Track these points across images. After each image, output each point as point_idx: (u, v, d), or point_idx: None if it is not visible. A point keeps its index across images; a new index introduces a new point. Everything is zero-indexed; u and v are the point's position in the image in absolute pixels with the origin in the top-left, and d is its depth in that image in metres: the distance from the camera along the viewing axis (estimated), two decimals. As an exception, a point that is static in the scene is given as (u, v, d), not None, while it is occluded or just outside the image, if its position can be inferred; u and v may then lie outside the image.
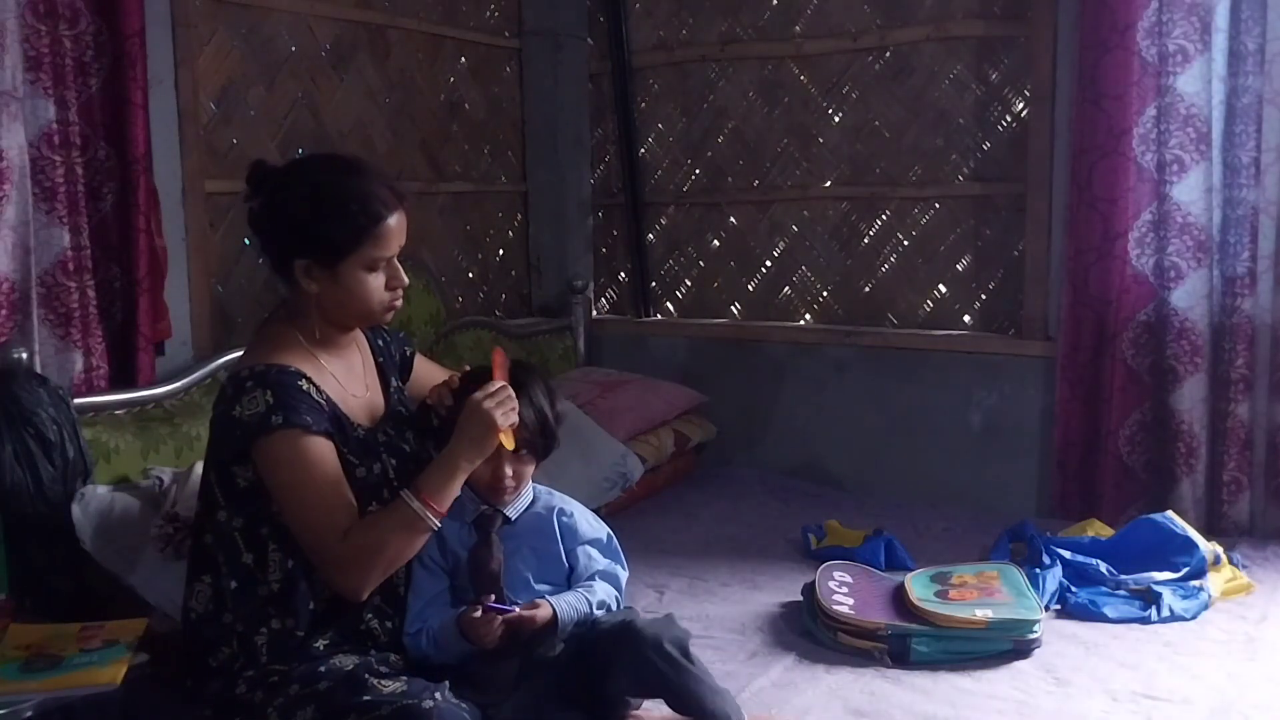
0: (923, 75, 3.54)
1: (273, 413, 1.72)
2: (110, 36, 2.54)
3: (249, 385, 1.75)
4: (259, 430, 1.72)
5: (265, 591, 1.78)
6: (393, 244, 1.84)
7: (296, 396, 1.75)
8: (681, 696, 1.76)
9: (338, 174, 1.85)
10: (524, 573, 1.90)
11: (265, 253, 1.89)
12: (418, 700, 1.60)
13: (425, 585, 1.90)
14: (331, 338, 1.88)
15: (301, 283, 1.81)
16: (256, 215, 1.86)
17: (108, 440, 2.48)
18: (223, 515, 1.79)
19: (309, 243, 1.80)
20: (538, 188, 4.07)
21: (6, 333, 2.37)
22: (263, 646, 1.77)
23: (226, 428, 1.76)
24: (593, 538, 1.99)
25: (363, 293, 1.83)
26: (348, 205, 1.79)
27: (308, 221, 1.79)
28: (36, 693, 1.75)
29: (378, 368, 2.02)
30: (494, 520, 1.92)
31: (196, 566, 1.85)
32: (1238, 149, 2.95)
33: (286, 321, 1.88)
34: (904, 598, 2.36)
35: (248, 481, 1.77)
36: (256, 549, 1.79)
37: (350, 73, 3.35)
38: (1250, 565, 2.71)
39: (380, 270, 1.84)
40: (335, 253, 1.80)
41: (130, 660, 1.84)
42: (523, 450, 1.89)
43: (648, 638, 1.76)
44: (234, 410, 1.74)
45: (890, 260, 3.68)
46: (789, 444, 3.75)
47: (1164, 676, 2.14)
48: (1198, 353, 3.00)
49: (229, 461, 1.78)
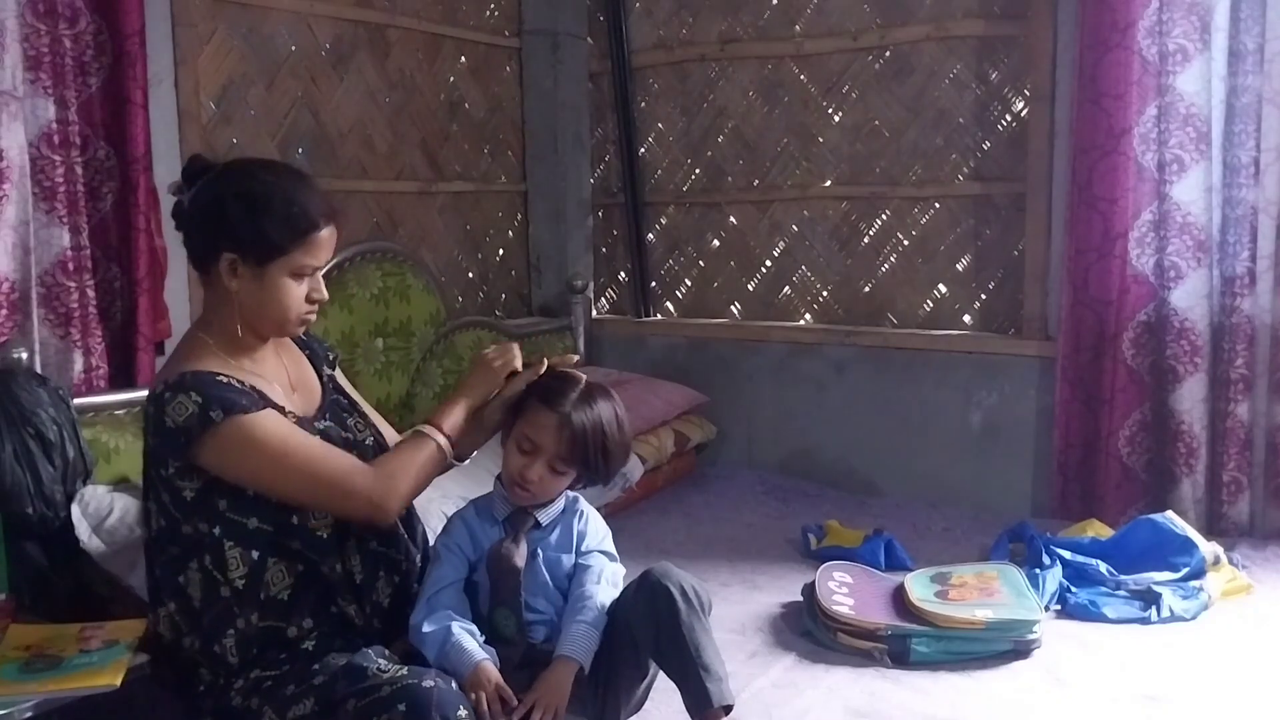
0: (923, 75, 3.54)
1: (208, 409, 1.69)
2: (110, 36, 2.53)
3: (168, 396, 1.72)
4: (200, 429, 1.69)
5: (227, 591, 1.76)
6: (322, 255, 1.83)
7: (221, 388, 1.73)
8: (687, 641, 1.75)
9: (280, 176, 1.84)
10: (544, 578, 1.90)
11: (188, 246, 1.85)
12: (418, 681, 1.60)
13: (442, 571, 1.89)
14: (245, 342, 1.85)
15: (224, 277, 1.78)
16: (188, 206, 1.82)
17: (108, 440, 2.48)
18: (187, 529, 1.77)
19: (241, 238, 1.77)
20: (538, 187, 4.07)
21: (6, 333, 2.37)
22: (231, 648, 1.76)
23: (165, 439, 1.72)
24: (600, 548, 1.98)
25: (283, 298, 1.80)
26: (289, 207, 1.78)
27: (245, 216, 1.76)
28: (36, 693, 1.74)
29: (308, 359, 2.01)
30: (525, 521, 1.91)
31: (155, 593, 1.84)
32: (1237, 148, 2.95)
33: (201, 330, 1.85)
34: (904, 598, 2.36)
35: (194, 491, 1.75)
36: (213, 550, 1.76)
37: (350, 72, 3.35)
38: (1250, 565, 2.71)
39: (304, 280, 1.82)
40: (267, 252, 1.77)
41: (130, 661, 1.83)
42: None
43: (669, 573, 1.80)
44: (164, 422, 1.71)
45: (890, 260, 3.68)
46: (789, 444, 3.75)
47: (1164, 677, 2.14)
48: (1197, 353, 3.00)
49: (172, 478, 1.75)
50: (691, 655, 1.75)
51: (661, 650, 1.80)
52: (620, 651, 1.83)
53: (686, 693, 1.78)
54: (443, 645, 1.78)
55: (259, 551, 1.77)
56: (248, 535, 1.77)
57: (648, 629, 1.79)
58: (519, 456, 1.87)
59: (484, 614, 1.88)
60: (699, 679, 1.75)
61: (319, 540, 1.80)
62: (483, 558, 1.89)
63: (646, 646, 1.81)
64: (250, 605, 1.77)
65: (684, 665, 1.76)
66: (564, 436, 1.84)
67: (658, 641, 1.79)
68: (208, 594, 1.77)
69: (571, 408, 1.84)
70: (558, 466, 1.86)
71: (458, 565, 1.89)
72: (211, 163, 1.85)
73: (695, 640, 1.76)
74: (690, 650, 1.76)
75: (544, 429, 1.84)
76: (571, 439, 1.84)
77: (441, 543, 1.91)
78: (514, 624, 1.87)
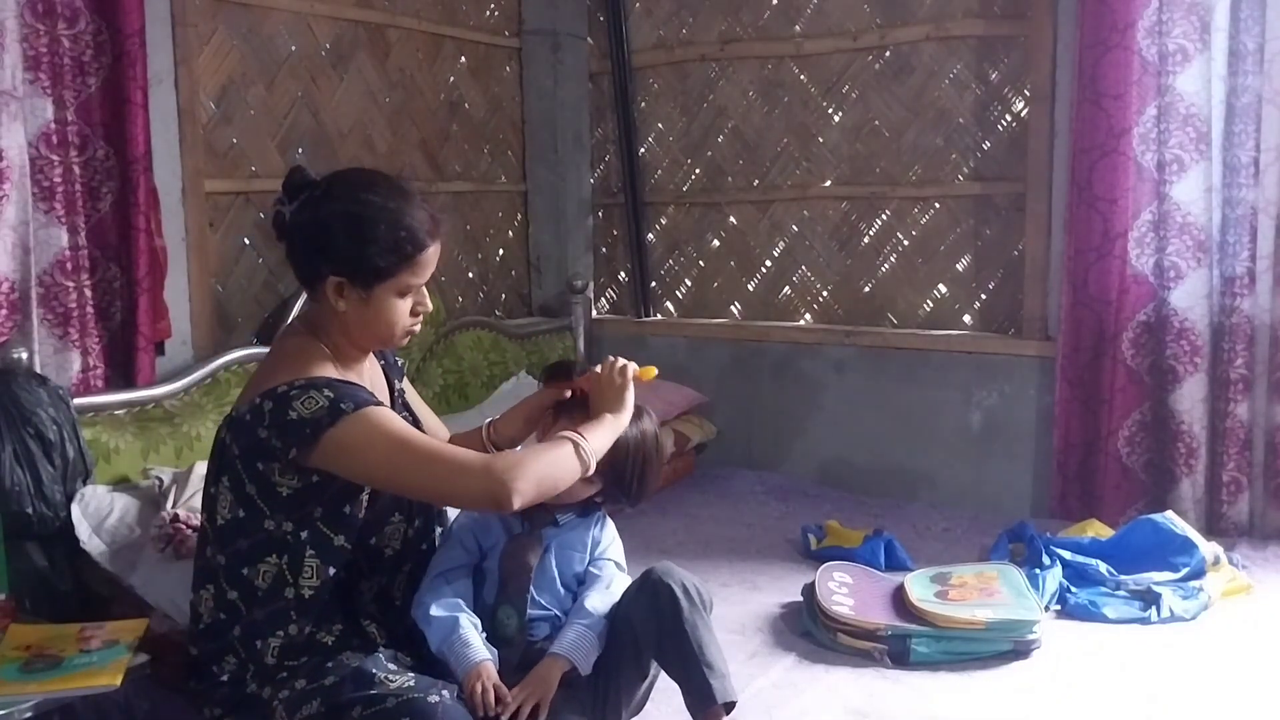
0: (923, 75, 3.54)
1: (340, 401, 1.68)
2: (110, 36, 2.53)
3: (295, 393, 1.70)
4: (330, 420, 1.67)
5: (292, 594, 1.75)
6: (428, 271, 1.82)
7: (350, 387, 1.74)
8: (690, 639, 1.75)
9: (385, 196, 1.79)
10: (553, 573, 1.91)
11: (293, 262, 1.84)
12: (424, 695, 1.60)
13: (453, 553, 1.89)
14: (349, 352, 1.86)
15: (330, 298, 1.78)
16: (291, 224, 1.80)
17: (108, 440, 2.48)
18: (270, 524, 1.75)
19: (347, 262, 1.76)
20: (538, 187, 4.08)
21: (6, 333, 2.37)
22: (276, 649, 1.75)
23: (286, 431, 1.68)
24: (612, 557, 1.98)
25: (390, 317, 1.80)
26: (395, 231, 1.76)
27: (351, 241, 1.75)
28: (36, 693, 1.75)
29: (382, 371, 2.02)
30: (544, 518, 1.92)
31: (211, 575, 1.81)
32: (1237, 148, 2.95)
33: (310, 336, 1.84)
34: (904, 598, 2.36)
35: (291, 490, 1.73)
36: (293, 552, 1.75)
37: (350, 72, 3.35)
38: (1250, 565, 2.71)
39: (410, 296, 1.82)
40: (374, 276, 1.77)
41: (130, 660, 1.84)
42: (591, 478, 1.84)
43: (671, 572, 1.80)
44: (289, 415, 1.68)
45: (890, 260, 3.68)
46: (789, 444, 3.75)
47: (1164, 677, 2.14)
48: (1197, 353, 3.00)
49: (270, 473, 1.73)
50: (694, 653, 1.76)
51: (664, 649, 1.80)
52: (621, 652, 1.83)
53: (689, 691, 1.79)
54: (448, 636, 1.79)
55: (335, 569, 1.77)
56: (331, 550, 1.76)
57: (650, 628, 1.80)
58: None
59: (488, 605, 1.89)
60: (702, 676, 1.76)
61: (381, 556, 1.84)
62: (495, 545, 1.91)
63: (648, 645, 1.81)
64: (307, 615, 1.76)
65: (687, 663, 1.77)
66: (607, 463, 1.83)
67: (660, 640, 1.79)
68: (272, 591, 1.76)
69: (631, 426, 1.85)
70: (591, 474, 1.82)
71: (470, 549, 1.91)
72: (312, 177, 1.82)
73: (698, 638, 1.77)
74: (693, 648, 1.76)
75: None
76: (614, 452, 1.83)
77: (458, 524, 1.93)
78: (516, 622, 1.87)
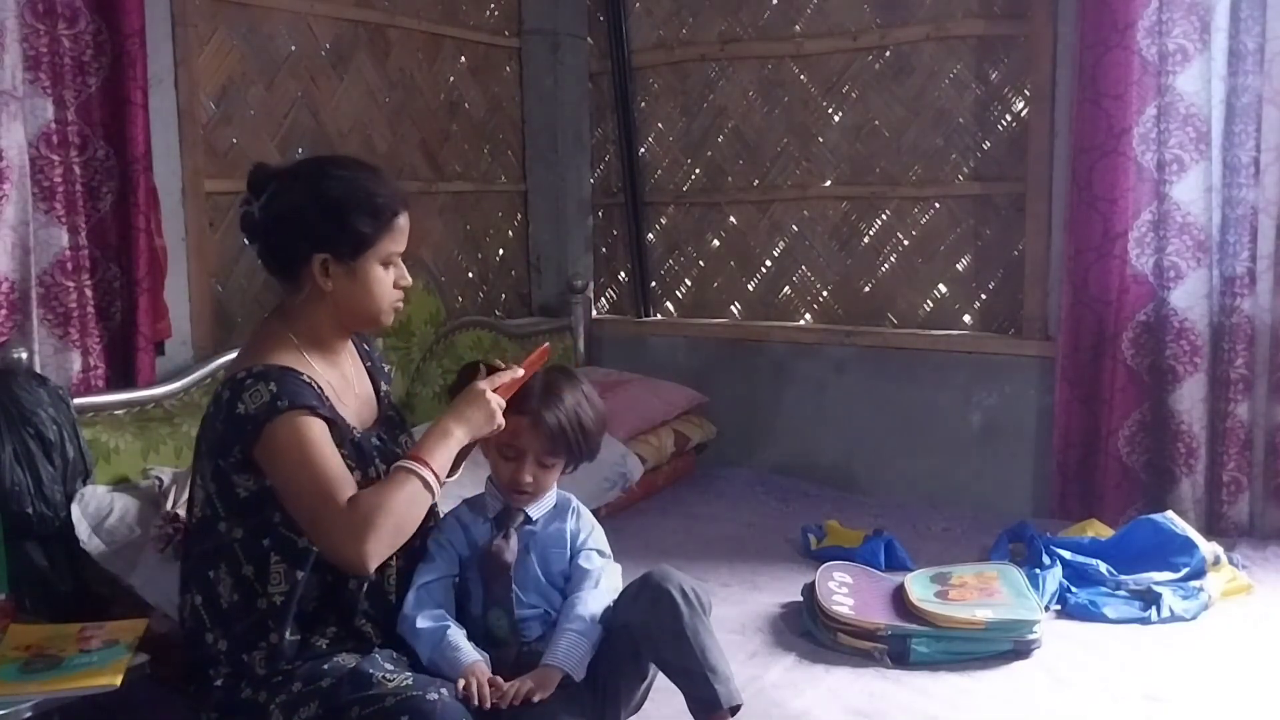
0: (923, 75, 3.54)
1: (277, 399, 1.69)
2: (110, 36, 2.53)
3: (249, 382, 1.71)
4: (266, 417, 1.68)
5: (265, 604, 1.75)
6: (404, 240, 1.86)
7: (299, 385, 1.74)
8: (692, 644, 1.75)
9: (353, 169, 1.86)
10: (535, 571, 1.90)
11: (269, 256, 1.85)
12: (422, 693, 1.60)
13: (433, 565, 1.89)
14: (328, 343, 1.86)
15: (317, 280, 1.79)
16: (263, 217, 1.81)
17: (108, 440, 2.48)
18: (223, 526, 1.76)
19: (330, 238, 1.78)
20: (538, 187, 4.07)
21: (6, 333, 2.37)
22: (262, 660, 1.75)
23: (232, 425, 1.71)
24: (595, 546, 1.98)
25: (378, 289, 1.83)
26: (372, 199, 1.80)
27: (330, 216, 1.77)
28: (36, 693, 1.74)
29: (368, 373, 2.01)
30: (514, 516, 1.92)
31: (186, 581, 1.83)
32: (1237, 148, 2.95)
33: (281, 324, 1.85)
34: (904, 598, 2.36)
35: (249, 491, 1.74)
36: (257, 561, 1.75)
37: (350, 72, 3.35)
38: (1250, 565, 2.71)
39: (391, 268, 1.85)
40: (359, 245, 1.79)
41: (130, 660, 1.84)
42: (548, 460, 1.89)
43: (670, 576, 1.80)
44: (237, 408, 1.70)
45: (890, 260, 3.68)
46: (789, 444, 3.75)
47: (1164, 677, 2.14)
48: (1197, 353, 3.00)
49: (230, 470, 1.74)
50: (697, 658, 1.75)
51: (665, 654, 1.79)
52: (620, 655, 1.82)
53: (693, 696, 1.78)
54: (437, 644, 1.78)
55: (303, 571, 1.76)
56: (296, 552, 1.75)
57: (650, 633, 1.79)
58: (506, 463, 1.90)
59: (477, 616, 1.88)
60: (706, 681, 1.75)
61: None
62: (472, 557, 1.90)
63: (649, 651, 1.81)
64: (284, 621, 1.76)
65: (689, 668, 1.76)
66: (542, 433, 1.87)
67: (661, 646, 1.78)
68: (245, 603, 1.75)
69: (539, 404, 1.87)
70: (545, 461, 1.90)
71: (450, 561, 1.91)
72: (275, 169, 1.85)
73: (700, 643, 1.76)
74: (696, 653, 1.75)
75: (520, 432, 1.87)
76: (550, 433, 1.87)
77: (434, 539, 1.92)
78: (507, 624, 1.87)
